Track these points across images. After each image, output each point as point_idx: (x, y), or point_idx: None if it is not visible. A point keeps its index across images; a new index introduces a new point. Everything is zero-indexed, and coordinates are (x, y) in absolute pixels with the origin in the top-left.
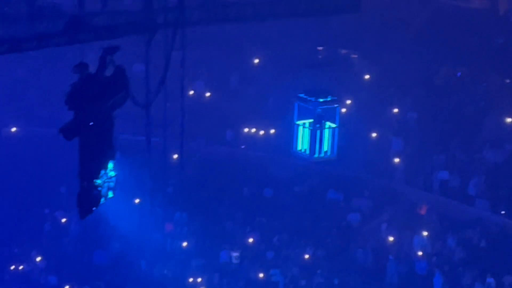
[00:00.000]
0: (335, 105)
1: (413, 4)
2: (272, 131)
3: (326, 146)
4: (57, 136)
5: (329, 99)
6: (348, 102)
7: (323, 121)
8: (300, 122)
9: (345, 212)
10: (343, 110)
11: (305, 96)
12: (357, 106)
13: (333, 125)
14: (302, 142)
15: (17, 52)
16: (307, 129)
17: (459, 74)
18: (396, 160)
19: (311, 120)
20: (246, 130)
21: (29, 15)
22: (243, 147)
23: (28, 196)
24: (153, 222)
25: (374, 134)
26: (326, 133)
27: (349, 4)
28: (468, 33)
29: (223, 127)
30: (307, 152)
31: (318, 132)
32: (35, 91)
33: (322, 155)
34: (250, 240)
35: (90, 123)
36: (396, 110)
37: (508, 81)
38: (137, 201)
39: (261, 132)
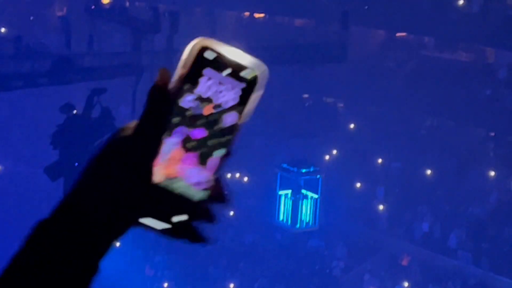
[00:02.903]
0: (318, 176)
1: (399, 55)
2: (249, 178)
3: (307, 217)
4: (41, 175)
5: (311, 170)
6: (334, 152)
7: (305, 191)
8: (282, 192)
9: (326, 260)
10: (327, 157)
11: (287, 167)
12: (341, 155)
13: (315, 196)
14: (284, 212)
15: (3, 90)
16: (289, 199)
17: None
18: (379, 209)
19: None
20: (229, 175)
21: (16, 54)
22: (226, 192)
23: (9, 235)
24: (134, 264)
25: (357, 184)
26: (308, 204)
27: (336, 53)
28: (454, 84)
29: None
30: (289, 222)
31: (300, 202)
32: (20, 130)
33: (304, 225)
34: (231, 285)
35: (75, 164)
36: (380, 159)
37: (493, 134)
38: (117, 244)
39: (245, 179)
